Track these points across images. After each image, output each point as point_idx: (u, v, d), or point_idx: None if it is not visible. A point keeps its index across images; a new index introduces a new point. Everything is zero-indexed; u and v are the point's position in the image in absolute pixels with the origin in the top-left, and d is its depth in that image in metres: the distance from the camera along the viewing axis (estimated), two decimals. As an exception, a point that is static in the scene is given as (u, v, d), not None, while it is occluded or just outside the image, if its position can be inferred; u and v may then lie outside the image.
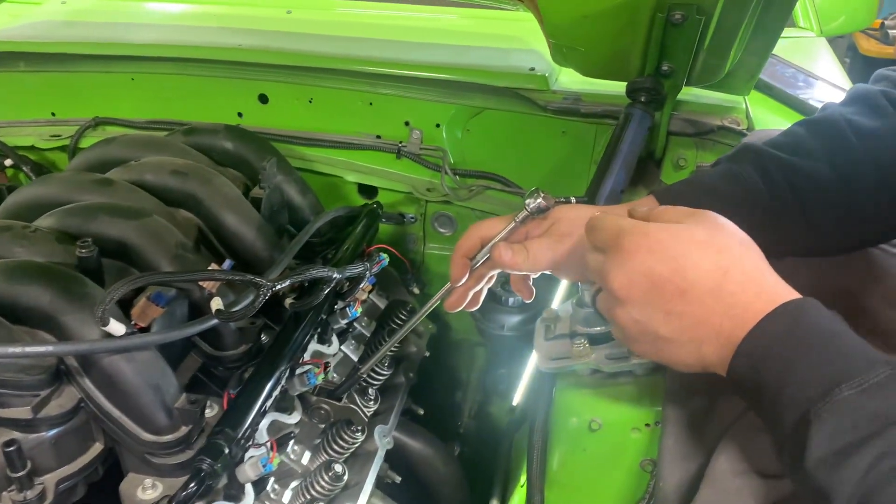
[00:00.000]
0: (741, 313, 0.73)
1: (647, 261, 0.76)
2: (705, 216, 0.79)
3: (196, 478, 0.94)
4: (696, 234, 0.76)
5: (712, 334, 0.74)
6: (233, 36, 1.70)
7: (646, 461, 1.04)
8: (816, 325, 0.70)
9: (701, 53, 1.27)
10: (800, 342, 0.69)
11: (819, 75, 1.66)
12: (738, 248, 0.76)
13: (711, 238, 0.76)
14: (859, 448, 0.61)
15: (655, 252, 0.76)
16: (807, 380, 0.66)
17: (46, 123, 1.83)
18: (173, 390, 1.03)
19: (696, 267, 0.74)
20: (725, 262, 0.74)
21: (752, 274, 0.75)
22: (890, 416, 0.62)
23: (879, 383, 0.64)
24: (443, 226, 1.71)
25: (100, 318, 0.92)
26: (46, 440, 0.97)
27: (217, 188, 1.31)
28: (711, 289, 0.74)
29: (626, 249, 0.77)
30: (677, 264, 0.75)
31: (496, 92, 1.57)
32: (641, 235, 0.77)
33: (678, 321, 0.76)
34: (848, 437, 0.62)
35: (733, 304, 0.73)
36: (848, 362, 0.66)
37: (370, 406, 1.32)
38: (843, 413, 0.63)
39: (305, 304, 1.20)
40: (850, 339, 0.69)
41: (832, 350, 0.68)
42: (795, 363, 0.68)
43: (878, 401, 0.63)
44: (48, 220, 1.17)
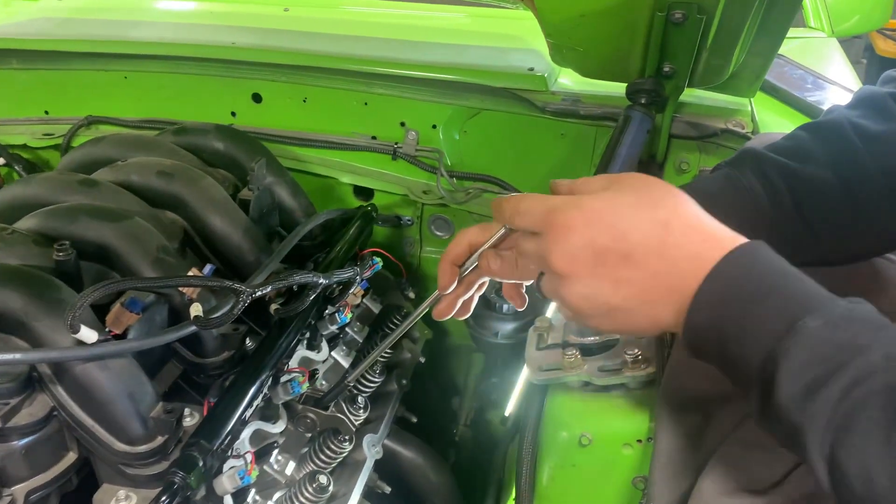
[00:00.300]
0: (690, 266, 0.70)
1: (585, 233, 0.73)
2: (630, 177, 0.77)
3: (168, 491, 0.91)
4: (626, 195, 0.74)
5: (664, 293, 0.72)
6: (227, 34, 1.67)
7: (638, 478, 1.01)
8: (772, 266, 0.68)
9: (703, 54, 1.23)
10: (759, 282, 0.67)
11: (829, 77, 1.61)
12: (672, 199, 0.74)
13: (643, 196, 0.74)
14: (828, 380, 0.60)
15: (592, 223, 0.73)
16: (770, 316, 0.65)
17: (39, 122, 1.82)
18: (149, 399, 1.00)
19: (636, 228, 0.72)
20: (663, 215, 0.72)
21: (693, 222, 0.72)
22: (857, 345, 0.60)
23: (843, 315, 0.63)
24: (439, 229, 1.68)
25: (70, 325, 0.88)
26: (16, 450, 0.95)
27: (203, 189, 1.28)
28: (656, 247, 0.71)
29: (561, 225, 0.74)
30: (617, 230, 0.72)
31: (494, 92, 1.53)
32: (575, 209, 0.74)
33: (627, 287, 0.73)
34: (817, 369, 0.61)
35: (680, 257, 0.71)
36: (809, 297, 0.65)
37: (359, 414, 1.29)
38: (810, 345, 0.62)
39: (290, 310, 1.16)
40: (807, 279, 0.68)
41: (792, 287, 0.66)
42: (757, 303, 0.66)
43: (843, 331, 0.62)
44: (29, 222, 1.15)
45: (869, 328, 0.62)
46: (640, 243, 0.71)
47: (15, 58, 1.76)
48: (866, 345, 0.60)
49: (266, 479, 1.17)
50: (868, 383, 0.58)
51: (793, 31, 1.76)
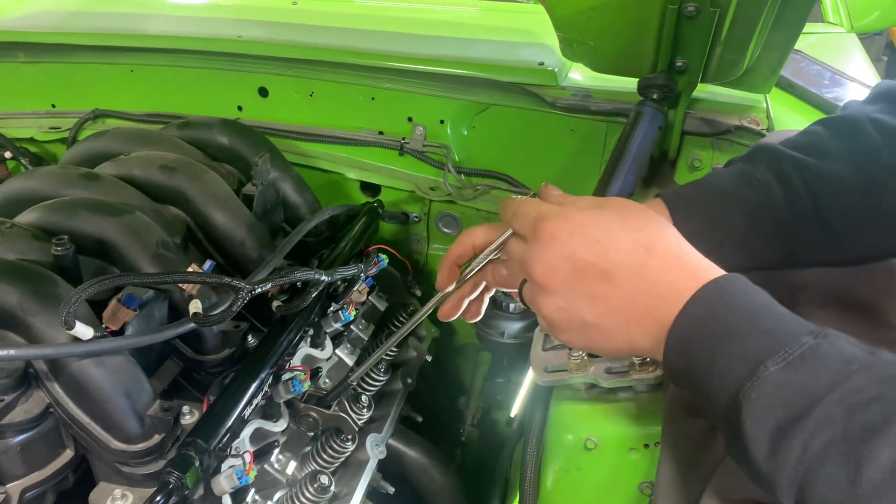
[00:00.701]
0: (667, 293, 0.70)
1: (568, 244, 0.73)
2: (618, 201, 0.79)
3: (163, 491, 0.89)
4: (612, 215, 0.75)
5: (639, 317, 0.72)
6: (233, 27, 1.66)
7: (644, 484, 0.99)
8: (739, 303, 0.67)
9: (717, 48, 1.20)
10: (723, 323, 0.66)
11: (848, 74, 1.58)
12: (657, 224, 0.74)
13: (629, 217, 0.75)
14: (791, 429, 0.59)
15: (576, 235, 0.73)
16: (733, 360, 0.64)
17: (46, 115, 1.81)
18: (146, 397, 0.98)
19: (619, 248, 0.72)
20: (646, 238, 0.72)
21: (674, 250, 0.72)
22: (817, 389, 0.59)
23: (803, 355, 0.61)
24: (447, 226, 1.65)
25: (64, 321, 0.87)
26: (11, 447, 0.93)
27: (206, 184, 1.26)
28: (636, 269, 0.71)
29: (546, 234, 0.74)
30: (599, 246, 0.72)
31: (503, 87, 1.50)
32: (562, 219, 0.75)
33: (603, 305, 0.73)
34: (779, 415, 0.60)
35: (658, 282, 0.71)
36: (773, 337, 0.64)
37: (363, 414, 1.27)
38: (770, 391, 0.61)
39: (292, 307, 1.14)
40: (775, 312, 0.67)
41: (756, 327, 0.65)
42: (720, 346, 0.65)
43: (803, 373, 0.61)
44: (30, 216, 1.13)
45: (829, 368, 0.60)
46: (620, 262, 0.72)
47: (22, 51, 1.76)
48: (826, 388, 0.59)
49: (266, 478, 1.15)
50: (825, 435, 0.57)
51: (810, 27, 1.72)
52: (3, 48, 1.76)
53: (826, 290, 0.93)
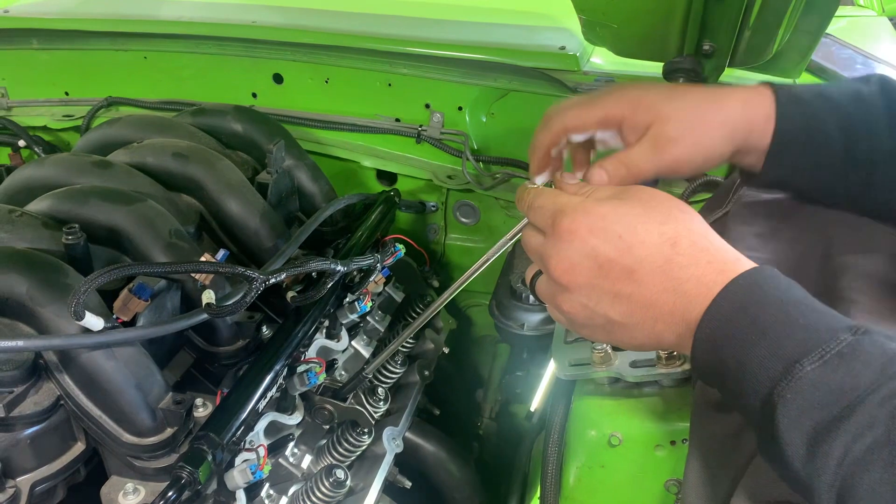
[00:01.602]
0: (693, 289, 0.67)
1: (589, 240, 0.70)
2: (639, 190, 0.74)
3: (175, 486, 0.87)
4: (635, 206, 0.71)
5: (665, 314, 0.69)
6: (248, 12, 1.63)
7: (671, 481, 0.96)
8: (772, 298, 0.64)
9: (746, 31, 1.16)
10: (754, 319, 0.63)
11: (880, 57, 1.53)
12: (682, 216, 0.71)
13: (652, 209, 0.71)
14: (830, 431, 0.57)
15: (597, 230, 0.70)
16: (767, 358, 0.61)
17: (60, 103, 1.80)
18: (158, 389, 0.96)
19: (643, 243, 0.69)
20: (671, 231, 0.69)
21: (700, 242, 0.69)
22: (856, 388, 0.57)
23: (841, 352, 0.58)
24: (465, 215, 1.62)
25: (73, 312, 0.85)
26: (21, 439, 0.91)
27: (219, 172, 1.24)
28: (661, 265, 0.68)
29: (565, 230, 0.71)
30: (622, 241, 0.69)
31: (523, 72, 1.47)
32: (582, 213, 0.71)
33: (628, 303, 0.70)
34: (815, 416, 0.57)
35: (685, 278, 0.68)
36: (808, 334, 0.61)
37: (379, 406, 1.25)
38: (806, 391, 0.58)
39: (307, 298, 1.12)
40: (810, 307, 0.64)
41: (791, 322, 0.62)
42: (754, 342, 0.62)
43: (840, 373, 0.58)
44: (40, 204, 1.12)
45: (870, 366, 0.57)
46: (645, 259, 0.69)
47: (35, 37, 1.74)
48: (867, 388, 0.56)
49: (281, 472, 1.13)
50: (868, 438, 0.55)
51: (841, 10, 1.67)
52: (16, 35, 1.75)
53: (869, 272, 0.89)
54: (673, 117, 0.87)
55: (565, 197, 0.75)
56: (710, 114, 0.88)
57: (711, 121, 0.88)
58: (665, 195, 0.74)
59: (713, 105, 0.89)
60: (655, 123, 0.87)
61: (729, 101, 0.89)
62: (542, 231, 0.75)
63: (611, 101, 0.89)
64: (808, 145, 0.89)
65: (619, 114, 0.88)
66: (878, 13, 1.79)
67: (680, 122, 0.87)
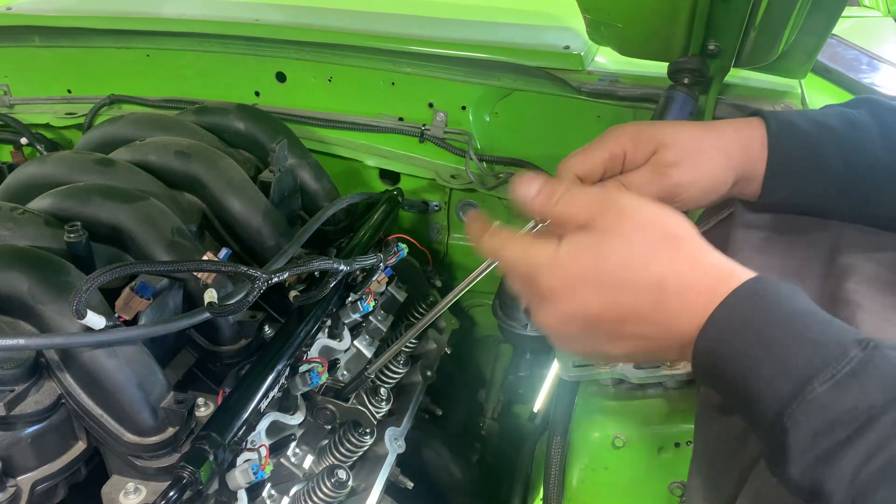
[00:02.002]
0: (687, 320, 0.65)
1: (572, 301, 0.68)
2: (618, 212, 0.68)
3: (176, 486, 0.87)
4: (615, 248, 0.67)
5: (663, 347, 0.68)
6: (251, 10, 1.62)
7: (675, 484, 0.95)
8: (777, 310, 0.62)
9: (751, 31, 1.15)
10: (760, 334, 0.61)
11: (885, 58, 1.52)
12: (667, 249, 0.67)
13: (633, 248, 0.67)
14: (842, 450, 0.56)
15: (579, 288, 0.67)
16: (775, 377, 0.60)
17: (62, 101, 1.79)
18: (160, 388, 0.96)
19: (629, 291, 0.66)
20: (657, 274, 0.66)
21: (689, 274, 0.66)
22: (869, 408, 0.56)
23: (853, 371, 0.57)
24: (468, 215, 1.61)
25: (75, 310, 0.84)
26: (22, 438, 0.91)
27: (222, 171, 1.23)
28: (650, 309, 0.66)
29: (546, 290, 0.69)
30: (608, 295, 0.67)
31: (527, 72, 1.46)
32: (558, 272, 0.68)
33: (623, 342, 0.69)
34: (828, 438, 0.56)
35: (676, 316, 0.66)
36: (817, 350, 0.59)
37: (382, 406, 1.24)
38: (818, 413, 0.57)
39: (309, 297, 1.11)
40: (816, 318, 0.62)
41: (798, 337, 0.60)
42: (760, 361, 0.60)
43: (853, 393, 0.56)
44: (43, 202, 1.11)
45: (882, 385, 0.56)
46: (634, 308, 0.67)
47: (38, 35, 1.73)
48: (880, 407, 0.55)
49: (283, 472, 1.12)
50: (881, 458, 0.54)
51: (847, 10, 1.66)
52: (18, 32, 1.74)
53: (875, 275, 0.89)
54: (672, 144, 0.88)
55: (535, 249, 0.71)
56: (708, 140, 0.89)
57: (710, 147, 0.89)
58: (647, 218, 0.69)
59: (710, 132, 0.90)
60: (657, 151, 0.88)
61: (725, 128, 0.91)
62: (520, 288, 0.73)
63: (611, 140, 0.89)
64: (806, 165, 0.90)
65: (622, 150, 0.88)
66: (883, 14, 1.78)
67: (679, 147, 0.87)
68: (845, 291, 0.85)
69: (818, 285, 0.87)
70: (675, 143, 0.88)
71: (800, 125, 0.91)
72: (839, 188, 0.91)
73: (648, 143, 0.88)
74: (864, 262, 0.89)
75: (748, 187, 0.93)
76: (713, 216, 1.05)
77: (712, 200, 0.91)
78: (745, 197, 0.96)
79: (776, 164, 0.90)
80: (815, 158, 0.90)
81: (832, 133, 0.91)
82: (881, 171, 0.90)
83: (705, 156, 0.88)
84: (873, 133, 0.91)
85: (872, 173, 0.90)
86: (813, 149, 0.90)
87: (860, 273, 0.87)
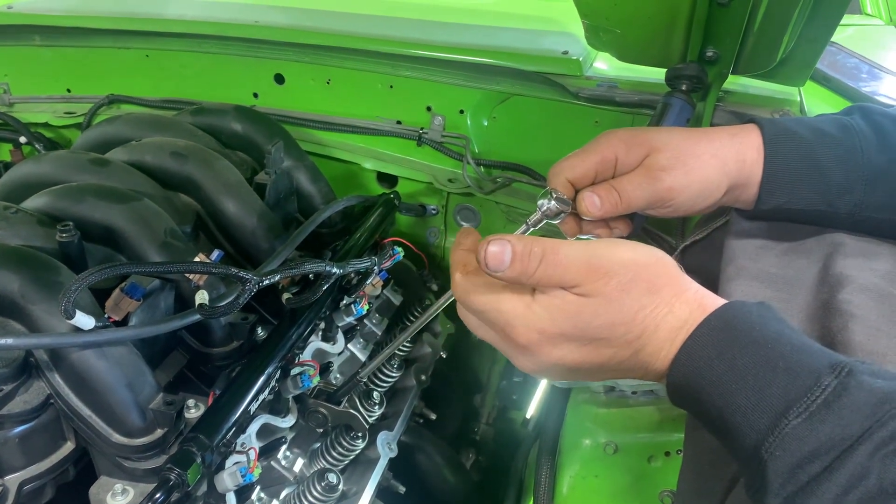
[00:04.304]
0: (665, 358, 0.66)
1: (552, 354, 0.68)
2: (606, 275, 0.66)
3: (163, 488, 0.86)
4: (599, 311, 0.66)
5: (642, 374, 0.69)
6: (250, 12, 1.62)
7: (665, 493, 0.94)
8: (748, 337, 0.62)
9: (750, 38, 1.14)
10: (734, 362, 0.61)
11: (886, 67, 1.51)
12: (649, 306, 0.66)
13: (617, 312, 0.66)
14: (821, 482, 0.55)
15: (558, 345, 0.67)
16: (751, 408, 0.59)
17: (61, 100, 1.80)
18: (149, 390, 0.95)
19: (611, 345, 0.67)
20: (638, 330, 0.66)
21: (667, 322, 0.66)
22: (846, 439, 0.55)
23: (827, 401, 0.56)
24: (466, 219, 1.61)
25: (63, 310, 0.84)
26: (10, 438, 0.91)
27: (217, 172, 1.23)
28: (628, 357, 0.67)
29: (524, 345, 0.68)
30: (589, 350, 0.67)
31: (525, 77, 1.45)
32: (536, 330, 0.67)
33: (603, 375, 0.71)
34: (806, 471, 0.56)
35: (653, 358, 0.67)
36: (791, 378, 0.58)
37: (374, 410, 1.24)
38: (795, 447, 0.56)
39: (303, 300, 1.11)
40: (789, 344, 0.61)
41: (771, 366, 0.60)
42: (734, 392, 0.60)
43: (829, 424, 0.56)
44: (36, 201, 1.11)
45: (858, 413, 0.56)
46: (612, 357, 0.68)
47: (38, 34, 1.74)
48: (857, 436, 0.55)
49: (273, 475, 1.12)
50: (860, 490, 0.54)
51: (847, 18, 1.66)
52: (19, 31, 1.74)
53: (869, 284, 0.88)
54: (665, 148, 0.87)
55: (509, 303, 0.69)
56: (701, 145, 0.88)
57: (703, 152, 0.88)
58: (633, 273, 0.66)
59: (704, 137, 0.90)
60: (649, 155, 0.87)
61: (719, 134, 0.91)
62: None
63: (603, 144, 0.89)
64: (803, 169, 0.89)
65: (613, 154, 0.88)
66: (885, 22, 1.77)
67: (672, 151, 0.87)
68: (839, 301, 0.84)
69: (812, 294, 0.87)
70: (667, 147, 0.87)
71: (796, 130, 0.91)
72: (836, 193, 0.90)
73: (640, 147, 0.88)
74: (859, 271, 0.88)
75: (743, 194, 0.93)
76: (708, 225, 1.04)
77: (706, 206, 0.91)
78: (741, 205, 0.95)
79: (773, 169, 0.90)
80: (812, 162, 0.90)
81: (829, 138, 0.90)
82: (877, 175, 0.90)
83: (698, 161, 0.87)
84: (868, 137, 0.90)
85: (869, 177, 0.90)
86: (811, 153, 0.90)
87: (854, 283, 0.86)
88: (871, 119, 0.91)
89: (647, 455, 0.93)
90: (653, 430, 0.94)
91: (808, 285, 0.88)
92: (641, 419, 0.95)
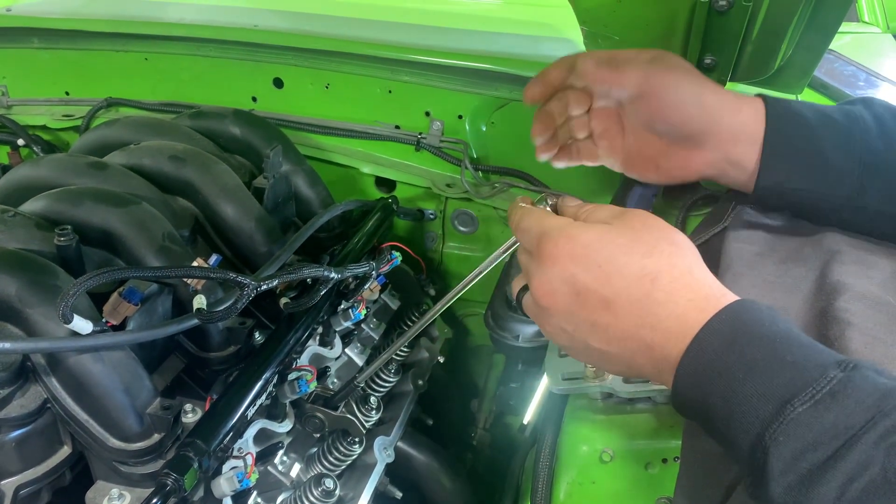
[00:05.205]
0: (673, 326, 0.67)
1: (569, 267, 0.70)
2: (634, 216, 0.73)
3: (159, 493, 0.86)
4: (622, 235, 0.71)
5: (643, 348, 0.69)
6: (250, 16, 1.63)
7: (662, 500, 0.94)
8: (758, 332, 0.63)
9: (748, 46, 1.15)
10: (742, 355, 0.62)
11: (883, 75, 1.52)
12: (668, 249, 0.70)
13: (638, 239, 0.70)
14: (824, 472, 0.55)
15: (578, 258, 0.70)
16: (755, 397, 0.60)
17: (60, 103, 1.79)
18: (146, 394, 0.95)
19: (622, 275, 0.69)
20: (653, 266, 0.69)
21: (683, 279, 0.68)
22: (850, 428, 0.56)
23: (832, 391, 0.57)
24: (463, 224, 1.61)
25: (61, 315, 0.84)
26: (6, 442, 0.90)
27: (215, 176, 1.23)
28: (638, 299, 0.68)
29: (547, 254, 0.72)
30: (602, 271, 0.69)
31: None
32: (565, 239, 0.72)
33: (604, 333, 0.71)
34: (809, 458, 0.56)
35: (663, 315, 0.67)
36: (798, 371, 0.60)
37: (371, 415, 1.24)
38: (799, 433, 0.57)
39: (300, 305, 1.11)
40: (797, 341, 0.63)
41: (779, 358, 0.61)
42: (740, 382, 0.61)
43: (834, 412, 0.56)
44: (34, 205, 1.11)
45: (862, 404, 0.57)
46: (623, 291, 0.69)
47: (36, 36, 1.73)
48: (861, 426, 0.55)
49: (270, 480, 1.12)
50: (864, 479, 0.54)
51: (845, 26, 1.67)
52: (17, 34, 1.74)
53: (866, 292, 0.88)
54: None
55: (551, 220, 0.76)
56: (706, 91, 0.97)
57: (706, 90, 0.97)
58: (659, 224, 0.73)
59: (709, 83, 0.98)
60: None
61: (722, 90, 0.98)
62: (529, 252, 0.76)
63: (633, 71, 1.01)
64: (804, 148, 0.92)
65: None
66: (882, 30, 1.78)
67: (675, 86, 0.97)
68: (836, 309, 0.84)
69: (809, 302, 0.87)
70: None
71: (800, 110, 0.94)
72: (835, 176, 0.92)
73: None
74: (856, 279, 0.88)
75: (742, 175, 0.95)
76: (706, 231, 1.05)
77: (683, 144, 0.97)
78: (739, 186, 0.96)
79: (774, 144, 0.92)
80: (814, 142, 0.91)
81: (831, 121, 0.92)
82: (877, 162, 0.91)
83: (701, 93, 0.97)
84: (870, 125, 0.92)
85: (868, 163, 0.91)
86: (813, 133, 0.92)
87: (852, 290, 0.86)
88: (874, 110, 0.93)
89: (645, 462, 0.93)
90: (650, 438, 0.94)
91: (806, 293, 0.88)
92: (639, 426, 0.95)
